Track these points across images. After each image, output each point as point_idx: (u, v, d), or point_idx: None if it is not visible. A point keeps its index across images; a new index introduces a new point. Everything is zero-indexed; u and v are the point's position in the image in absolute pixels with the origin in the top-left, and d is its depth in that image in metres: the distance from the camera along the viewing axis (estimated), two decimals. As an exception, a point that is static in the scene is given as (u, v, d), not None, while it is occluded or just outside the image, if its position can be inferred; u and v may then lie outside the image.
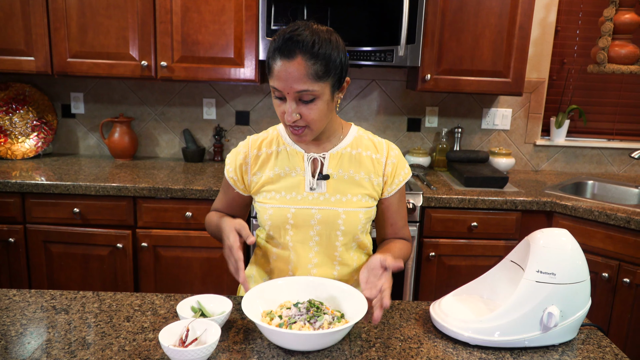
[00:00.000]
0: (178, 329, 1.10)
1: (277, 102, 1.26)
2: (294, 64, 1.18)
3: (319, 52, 1.20)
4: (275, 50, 1.21)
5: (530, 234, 1.25)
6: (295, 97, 1.22)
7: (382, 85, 3.02)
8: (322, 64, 1.20)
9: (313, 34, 1.21)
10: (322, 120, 1.27)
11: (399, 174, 1.42)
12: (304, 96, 1.22)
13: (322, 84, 1.22)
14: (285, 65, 1.19)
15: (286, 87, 1.20)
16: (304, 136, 1.29)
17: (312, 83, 1.20)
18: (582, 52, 3.05)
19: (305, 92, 1.21)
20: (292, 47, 1.19)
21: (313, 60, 1.19)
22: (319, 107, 1.24)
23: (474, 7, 2.57)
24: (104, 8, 2.54)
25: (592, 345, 1.21)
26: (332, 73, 1.23)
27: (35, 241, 2.46)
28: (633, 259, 2.26)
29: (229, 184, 1.46)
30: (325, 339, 1.10)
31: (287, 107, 1.23)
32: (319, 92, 1.22)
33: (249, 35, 2.56)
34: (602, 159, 3.16)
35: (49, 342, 1.14)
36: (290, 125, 1.27)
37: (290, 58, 1.19)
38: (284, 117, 1.26)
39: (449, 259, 2.51)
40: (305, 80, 1.19)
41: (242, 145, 1.44)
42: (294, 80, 1.19)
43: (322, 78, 1.21)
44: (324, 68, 1.21)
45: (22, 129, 2.93)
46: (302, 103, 1.23)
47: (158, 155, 3.13)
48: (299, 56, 1.18)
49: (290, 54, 1.19)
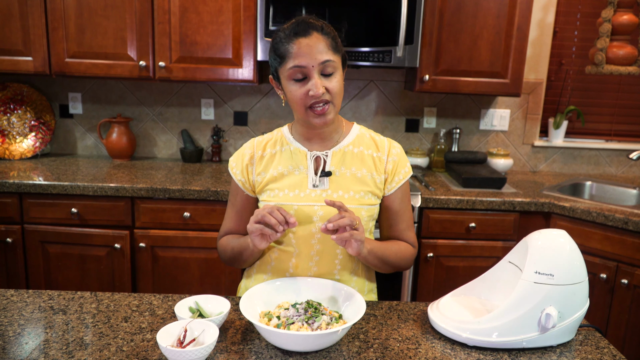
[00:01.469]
0: (176, 330, 1.10)
1: (296, 86, 1.30)
2: (312, 39, 1.28)
3: (328, 31, 1.32)
4: (291, 34, 1.29)
5: (528, 235, 1.25)
6: (320, 69, 1.29)
7: (380, 86, 3.03)
8: (333, 39, 1.32)
9: (317, 20, 1.33)
10: (341, 94, 1.35)
11: (399, 171, 1.43)
12: (327, 68, 1.29)
13: (338, 57, 1.32)
14: (304, 41, 1.28)
15: (311, 60, 1.27)
16: (328, 114, 1.32)
17: (332, 54, 1.30)
18: (580, 53, 3.06)
19: (328, 62, 1.29)
20: (307, 27, 1.30)
21: (326, 35, 1.31)
22: (338, 80, 1.32)
23: (472, 8, 2.57)
24: (102, 8, 2.53)
25: (590, 347, 1.21)
26: (340, 50, 1.34)
27: (32, 241, 2.45)
28: (631, 260, 2.26)
29: (238, 188, 1.46)
30: (323, 340, 1.10)
31: (313, 82, 1.28)
32: (336, 65, 1.31)
33: (247, 36, 2.56)
34: (600, 160, 3.16)
35: (47, 342, 1.14)
36: (315, 103, 1.30)
37: (308, 35, 1.29)
38: (305, 98, 1.30)
39: (447, 259, 2.51)
40: (327, 50, 1.29)
41: (247, 147, 1.47)
42: (317, 52, 1.28)
43: (336, 50, 1.32)
44: (335, 43, 1.32)
45: (19, 129, 2.92)
46: (324, 77, 1.30)
47: (156, 156, 3.12)
48: (314, 33, 1.29)
49: (307, 32, 1.29)
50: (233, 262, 1.46)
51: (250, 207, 1.49)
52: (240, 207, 1.48)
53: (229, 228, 1.51)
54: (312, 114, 1.32)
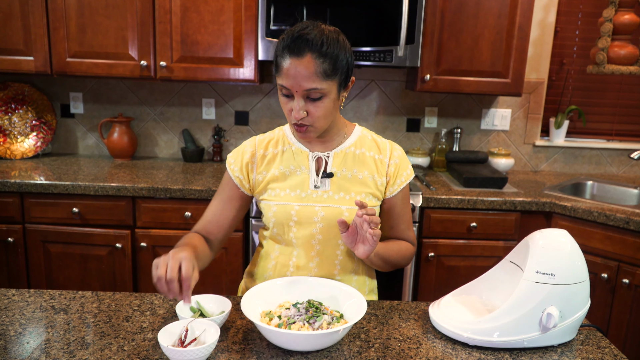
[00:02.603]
0: (177, 329, 1.10)
1: (284, 99, 1.28)
2: (303, 62, 1.20)
3: (327, 51, 1.22)
4: (284, 49, 1.22)
5: (530, 235, 1.25)
6: (304, 94, 1.24)
7: (381, 86, 3.02)
8: (330, 62, 1.22)
9: (321, 33, 1.23)
10: (327, 118, 1.29)
11: (401, 174, 1.43)
12: (312, 94, 1.24)
13: (330, 82, 1.24)
14: (294, 63, 1.21)
15: (295, 85, 1.22)
16: (307, 133, 1.30)
17: (321, 81, 1.22)
18: (582, 52, 3.06)
19: (314, 90, 1.22)
20: (302, 46, 1.21)
21: (322, 59, 1.21)
22: (325, 105, 1.26)
23: (473, 8, 2.57)
24: (103, 8, 2.53)
25: (591, 346, 1.21)
26: (339, 72, 1.26)
27: (34, 241, 2.46)
28: (632, 260, 2.26)
29: (231, 182, 1.44)
30: (324, 339, 1.10)
31: (295, 105, 1.24)
32: (326, 90, 1.24)
33: (248, 36, 2.56)
34: (602, 160, 3.16)
35: (48, 341, 1.14)
36: (296, 123, 1.28)
37: (300, 56, 1.20)
38: (290, 114, 1.27)
39: (448, 259, 2.51)
40: (314, 79, 1.21)
41: (248, 145, 1.45)
42: (303, 78, 1.21)
43: (330, 76, 1.23)
44: (332, 67, 1.23)
45: (21, 129, 2.92)
46: (309, 101, 1.25)
47: (157, 155, 3.12)
48: (308, 54, 1.20)
49: (300, 52, 1.20)
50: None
51: (236, 202, 1.45)
52: (227, 200, 1.45)
53: (206, 222, 1.44)
54: (294, 129, 1.31)
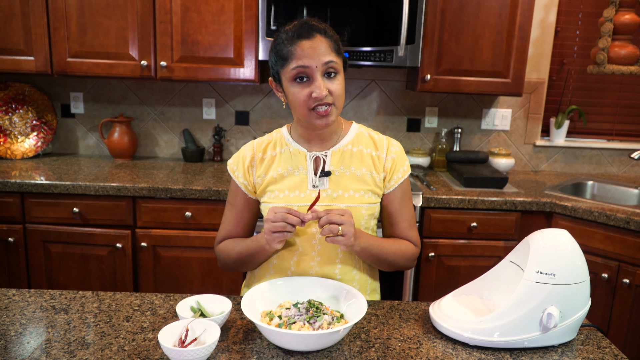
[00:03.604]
0: (177, 329, 1.10)
1: (299, 88, 1.31)
2: (315, 41, 1.29)
3: (330, 34, 1.34)
4: (294, 36, 1.30)
5: (530, 235, 1.25)
6: (323, 70, 1.29)
7: (381, 86, 3.02)
8: (335, 42, 1.33)
9: (319, 23, 1.34)
10: (343, 97, 1.35)
11: (398, 170, 1.43)
12: (330, 69, 1.30)
13: (340, 59, 1.33)
14: (308, 43, 1.29)
15: (314, 60, 1.28)
16: (330, 115, 1.32)
17: (335, 55, 1.31)
18: (582, 52, 3.06)
19: (331, 63, 1.30)
20: (310, 30, 1.30)
21: (329, 38, 1.32)
22: (340, 82, 1.33)
23: (473, 8, 2.57)
24: (104, 8, 2.54)
25: (592, 346, 1.21)
26: (341, 52, 1.36)
27: (34, 241, 2.46)
28: (633, 260, 2.26)
29: (239, 190, 1.46)
30: (324, 339, 1.10)
31: (317, 84, 1.29)
32: (339, 66, 1.32)
33: (249, 36, 2.56)
34: (602, 160, 3.16)
35: (49, 341, 1.14)
36: (318, 105, 1.30)
37: (311, 37, 1.30)
38: (308, 99, 1.30)
39: (449, 259, 2.51)
40: (330, 52, 1.30)
41: (247, 149, 1.47)
42: (321, 53, 1.29)
43: (338, 52, 1.33)
44: (337, 46, 1.33)
45: (21, 129, 2.92)
46: (327, 79, 1.31)
47: (157, 155, 3.13)
48: (317, 35, 1.30)
49: (310, 34, 1.30)
50: (239, 267, 1.45)
51: (250, 208, 1.48)
52: (241, 208, 1.48)
53: (228, 231, 1.49)
54: (314, 115, 1.31)
